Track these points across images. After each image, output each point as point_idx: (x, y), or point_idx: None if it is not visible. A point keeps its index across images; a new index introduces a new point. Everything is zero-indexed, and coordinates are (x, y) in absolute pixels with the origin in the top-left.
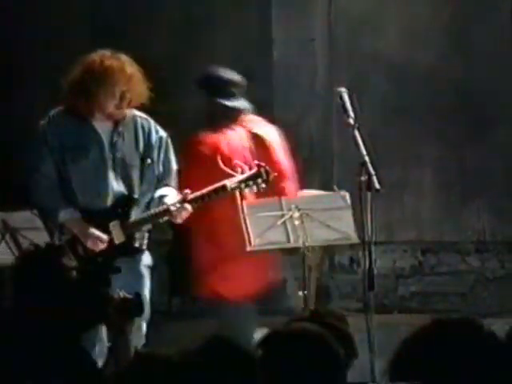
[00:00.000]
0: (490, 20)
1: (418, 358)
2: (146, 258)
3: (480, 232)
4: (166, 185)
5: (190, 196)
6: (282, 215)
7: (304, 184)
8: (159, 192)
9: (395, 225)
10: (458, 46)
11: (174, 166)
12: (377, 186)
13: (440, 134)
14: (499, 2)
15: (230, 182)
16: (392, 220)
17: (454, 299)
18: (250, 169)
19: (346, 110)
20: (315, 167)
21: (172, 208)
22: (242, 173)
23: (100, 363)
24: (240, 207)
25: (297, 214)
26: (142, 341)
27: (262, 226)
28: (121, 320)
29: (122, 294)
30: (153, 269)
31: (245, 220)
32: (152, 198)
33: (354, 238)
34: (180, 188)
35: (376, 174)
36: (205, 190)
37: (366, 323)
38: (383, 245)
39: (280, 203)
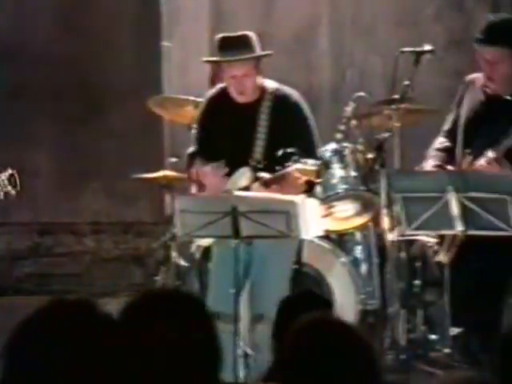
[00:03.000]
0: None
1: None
2: None
3: (96, 213)
4: None
5: None
6: None
7: None
8: None
9: (11, 206)
10: (71, 26)
11: None
12: None
13: (56, 115)
14: None
15: None
16: (7, 201)
17: (70, 280)
18: None
19: None
20: None
21: None
22: None
23: None
24: None
25: None
26: None
27: None
28: None
29: None
30: None
31: None
32: None
33: None
34: None
35: None
36: None
37: None
38: None
39: None
